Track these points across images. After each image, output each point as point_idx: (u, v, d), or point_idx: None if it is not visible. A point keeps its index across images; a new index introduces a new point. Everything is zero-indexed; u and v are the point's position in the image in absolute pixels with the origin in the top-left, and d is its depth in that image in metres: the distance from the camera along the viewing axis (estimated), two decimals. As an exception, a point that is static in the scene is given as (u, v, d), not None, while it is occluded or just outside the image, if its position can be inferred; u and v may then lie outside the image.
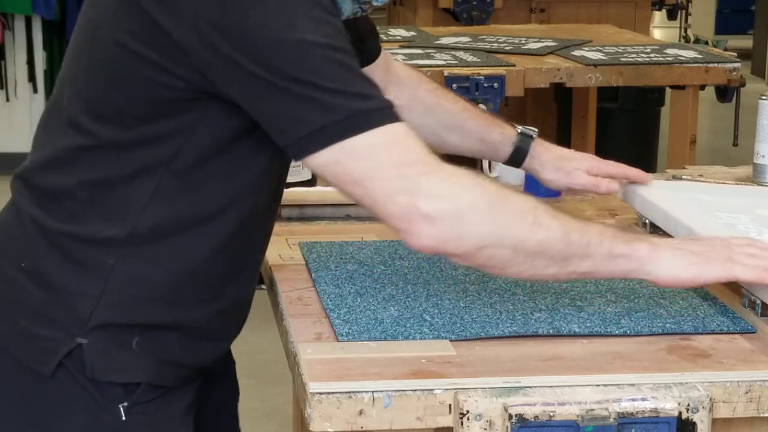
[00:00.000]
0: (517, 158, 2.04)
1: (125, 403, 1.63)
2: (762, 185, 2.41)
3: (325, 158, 1.50)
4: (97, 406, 1.63)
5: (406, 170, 1.48)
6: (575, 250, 1.52)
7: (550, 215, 1.52)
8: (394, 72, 2.05)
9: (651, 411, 1.46)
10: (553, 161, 2.03)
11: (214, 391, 1.85)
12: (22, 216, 1.66)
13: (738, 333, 1.65)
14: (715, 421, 1.50)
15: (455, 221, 1.48)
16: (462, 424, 1.45)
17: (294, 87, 1.47)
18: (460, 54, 4.44)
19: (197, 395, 1.74)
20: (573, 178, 2.02)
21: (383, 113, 1.49)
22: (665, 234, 2.02)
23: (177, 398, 1.69)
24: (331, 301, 1.74)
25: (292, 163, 2.29)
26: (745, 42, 10.64)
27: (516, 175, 2.47)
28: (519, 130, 2.04)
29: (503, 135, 2.03)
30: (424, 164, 1.49)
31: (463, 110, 2.04)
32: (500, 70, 4.15)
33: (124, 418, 1.63)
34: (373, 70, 1.96)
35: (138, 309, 1.62)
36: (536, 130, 2.06)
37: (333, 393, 1.46)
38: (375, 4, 1.71)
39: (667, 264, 1.57)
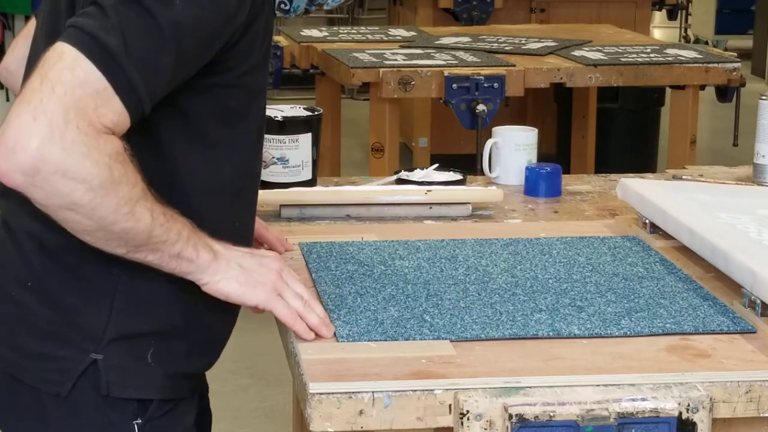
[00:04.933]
0: None
1: (139, 420, 1.61)
2: (762, 185, 2.41)
3: (68, 50, 1.44)
4: (111, 426, 1.61)
5: (79, 116, 1.42)
6: (150, 243, 1.52)
7: (148, 209, 1.49)
8: None
9: (651, 411, 1.46)
10: None
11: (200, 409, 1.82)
12: (15, 234, 1.63)
13: (738, 333, 1.65)
14: (715, 421, 1.50)
15: (54, 176, 1.41)
16: (462, 424, 1.45)
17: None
18: (460, 54, 4.44)
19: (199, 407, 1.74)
20: None
21: (128, 87, 1.45)
22: (665, 234, 2.02)
23: (185, 411, 1.68)
24: (331, 301, 1.74)
25: (292, 164, 2.30)
26: (745, 42, 10.63)
27: (516, 175, 2.47)
28: None
29: None
30: (92, 125, 1.43)
31: None
32: (500, 70, 4.15)
33: None
34: None
35: (150, 316, 1.61)
36: None
37: (333, 393, 1.46)
38: (326, 7, 1.74)
39: (218, 276, 1.58)
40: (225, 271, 1.58)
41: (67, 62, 1.43)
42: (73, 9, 1.58)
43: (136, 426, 1.61)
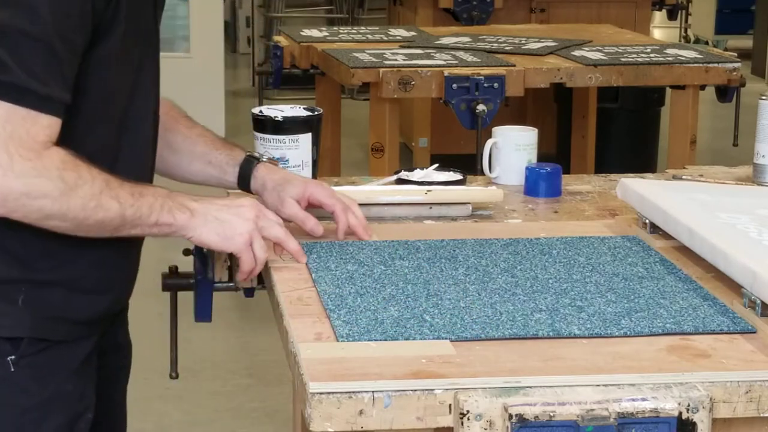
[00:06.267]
0: (243, 180, 2.08)
1: (12, 357, 1.78)
2: (762, 185, 2.41)
3: None
4: None
5: (18, 146, 1.67)
6: (126, 223, 1.77)
7: (113, 196, 1.74)
8: None
9: (651, 411, 1.46)
10: (274, 184, 2.05)
11: (105, 363, 1.94)
12: None
13: (738, 333, 1.65)
14: (715, 421, 1.49)
15: (22, 200, 1.68)
16: (462, 424, 1.45)
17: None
18: (460, 54, 4.44)
19: (93, 354, 1.87)
20: (285, 206, 2.03)
21: (43, 101, 1.68)
22: (665, 234, 2.02)
23: (66, 352, 1.82)
24: (331, 301, 1.74)
25: (292, 164, 2.29)
26: (745, 42, 10.64)
27: (516, 175, 2.47)
28: (247, 153, 2.10)
29: (230, 156, 2.09)
30: (31, 150, 1.67)
31: (198, 135, 2.10)
32: (500, 70, 4.15)
33: (12, 370, 1.78)
34: None
35: (21, 265, 1.77)
36: (262, 155, 2.13)
37: (333, 393, 1.46)
38: None
39: (198, 230, 1.83)
40: (203, 225, 1.82)
41: None
42: None
43: (9, 362, 1.78)
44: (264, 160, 2.10)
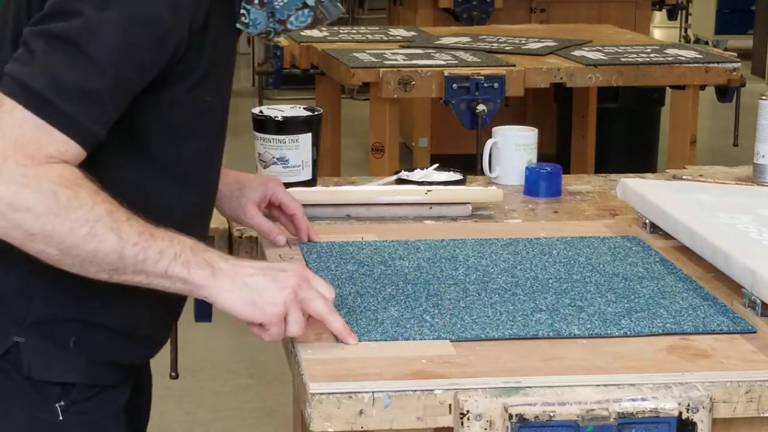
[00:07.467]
0: None
1: (62, 402, 1.66)
2: (762, 185, 2.41)
3: (5, 99, 1.51)
4: (35, 406, 1.65)
5: (17, 152, 1.49)
6: (127, 264, 1.54)
7: (113, 228, 1.52)
8: None
9: (651, 411, 1.46)
10: (230, 189, 1.95)
11: (133, 401, 1.84)
12: None
13: (738, 333, 1.65)
14: (715, 421, 1.50)
15: (6, 212, 1.49)
16: (462, 424, 1.45)
17: (47, 39, 1.52)
18: (460, 54, 4.44)
19: (129, 396, 1.77)
20: (246, 213, 1.96)
21: (65, 119, 1.51)
22: (665, 234, 2.02)
23: (113, 397, 1.72)
24: (331, 301, 1.74)
25: (292, 164, 2.30)
26: (745, 42, 10.63)
27: (516, 175, 2.47)
28: None
29: None
30: (31, 158, 1.49)
31: None
32: (500, 70, 4.15)
33: (61, 418, 1.65)
34: None
35: (72, 304, 1.65)
36: None
37: (333, 393, 1.46)
38: (290, 27, 1.73)
39: (221, 294, 1.57)
40: (228, 290, 1.56)
41: (7, 108, 1.50)
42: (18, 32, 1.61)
43: (58, 408, 1.65)
44: None
